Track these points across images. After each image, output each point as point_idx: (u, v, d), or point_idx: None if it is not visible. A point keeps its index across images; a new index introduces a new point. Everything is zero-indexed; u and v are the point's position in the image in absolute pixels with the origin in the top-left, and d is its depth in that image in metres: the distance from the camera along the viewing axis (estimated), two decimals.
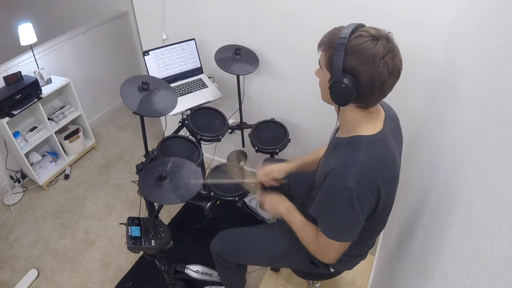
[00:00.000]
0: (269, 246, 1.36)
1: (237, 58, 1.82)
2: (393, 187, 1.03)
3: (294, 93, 1.96)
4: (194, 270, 1.76)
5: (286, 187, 1.57)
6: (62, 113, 2.58)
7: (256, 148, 1.86)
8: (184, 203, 2.27)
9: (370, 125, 0.97)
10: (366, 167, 0.92)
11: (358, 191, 0.90)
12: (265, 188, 1.40)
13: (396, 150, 1.03)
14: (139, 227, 1.41)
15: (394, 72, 0.86)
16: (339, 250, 1.05)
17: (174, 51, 1.93)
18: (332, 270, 1.31)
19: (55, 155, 2.69)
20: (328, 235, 1.00)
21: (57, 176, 2.66)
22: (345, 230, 0.99)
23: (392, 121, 1.04)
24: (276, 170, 1.38)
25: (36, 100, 2.27)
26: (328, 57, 0.90)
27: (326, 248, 1.05)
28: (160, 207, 1.61)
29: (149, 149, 1.71)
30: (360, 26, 0.88)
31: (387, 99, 1.11)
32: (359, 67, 0.84)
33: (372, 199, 0.94)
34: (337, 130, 1.11)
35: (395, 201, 1.12)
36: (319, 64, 0.96)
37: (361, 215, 0.95)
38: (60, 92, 2.61)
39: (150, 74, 1.85)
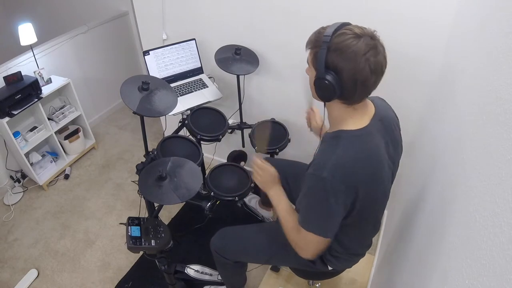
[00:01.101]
0: (267, 244, 1.37)
1: (237, 58, 1.82)
2: (375, 184, 1.01)
3: (294, 93, 1.96)
4: (194, 270, 1.76)
5: (286, 186, 1.57)
6: (62, 113, 2.58)
7: (256, 148, 1.86)
8: (184, 203, 2.28)
9: (354, 121, 0.98)
10: (342, 160, 0.93)
11: (332, 182, 0.91)
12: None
13: (385, 149, 1.02)
14: (139, 227, 1.41)
15: (376, 69, 0.87)
16: (317, 246, 1.04)
17: (175, 51, 1.93)
18: (330, 268, 1.31)
19: (55, 155, 2.69)
20: (302, 224, 1.01)
21: (57, 176, 2.66)
22: (318, 222, 1.00)
23: (383, 120, 1.04)
24: (319, 117, 1.50)
25: (36, 100, 2.27)
26: (314, 55, 0.93)
27: (303, 241, 1.05)
28: (160, 207, 1.61)
29: (149, 149, 1.71)
30: (344, 25, 0.90)
31: (387, 99, 1.12)
32: (341, 64, 0.86)
33: (348, 193, 0.94)
34: None
35: (396, 201, 1.12)
36: (307, 63, 0.99)
37: (335, 208, 0.95)
38: (60, 92, 2.61)
39: (150, 74, 1.85)
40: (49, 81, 2.42)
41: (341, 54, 0.86)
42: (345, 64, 0.86)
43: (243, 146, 2.18)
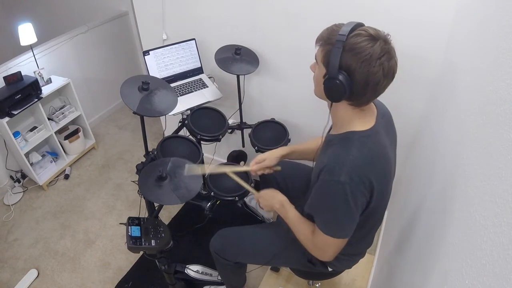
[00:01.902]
0: (267, 245, 1.37)
1: (237, 58, 1.82)
2: (386, 183, 1.03)
3: (294, 93, 1.96)
4: (194, 270, 1.76)
5: (283, 184, 1.57)
6: (62, 113, 2.58)
7: (256, 148, 1.86)
8: (184, 203, 2.28)
9: (362, 122, 0.98)
10: (358, 162, 0.92)
11: (351, 185, 0.91)
12: (261, 187, 1.40)
13: (390, 146, 1.04)
14: (139, 227, 1.41)
15: (389, 73, 0.88)
16: (336, 248, 1.05)
17: (175, 51, 1.93)
18: (330, 269, 1.31)
19: (55, 155, 2.69)
20: (324, 231, 1.01)
21: (57, 176, 2.66)
22: (340, 226, 1.00)
23: (384, 118, 1.05)
24: (268, 158, 1.38)
25: (36, 100, 2.27)
26: (326, 52, 0.91)
27: (322, 245, 1.05)
28: (160, 207, 1.61)
29: (149, 149, 1.71)
30: (359, 25, 0.89)
31: (386, 99, 1.12)
32: (354, 65, 0.85)
33: (365, 193, 0.95)
34: (330, 128, 1.12)
35: (395, 201, 1.12)
36: (315, 59, 0.97)
37: (355, 210, 0.95)
38: (60, 92, 2.61)
39: (150, 74, 1.85)
40: (49, 81, 2.42)
41: (356, 55, 0.84)
42: (359, 66, 0.85)
43: (243, 146, 2.18)
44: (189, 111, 1.84)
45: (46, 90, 2.35)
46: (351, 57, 0.85)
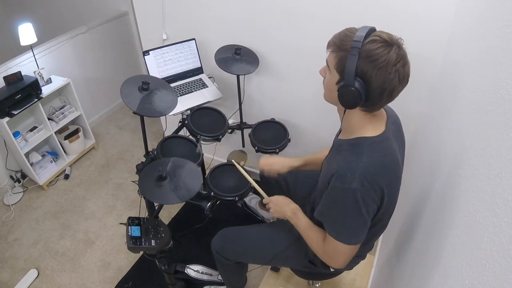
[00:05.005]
0: (268, 245, 1.37)
1: (237, 58, 1.82)
2: (396, 188, 1.02)
3: (294, 93, 1.96)
4: (194, 270, 1.76)
5: (285, 187, 1.57)
6: (62, 113, 2.58)
7: (256, 148, 1.86)
8: (184, 203, 2.28)
9: (373, 127, 0.97)
10: (369, 169, 0.91)
11: (362, 192, 0.90)
12: (269, 190, 1.40)
13: (399, 152, 1.03)
14: (139, 227, 1.41)
15: (404, 79, 0.87)
16: (348, 255, 1.04)
17: (175, 51, 1.93)
18: (331, 269, 1.31)
19: (55, 155, 2.69)
20: (335, 237, 1.00)
21: (57, 176, 2.66)
22: (352, 233, 0.99)
23: (394, 123, 1.04)
24: (280, 164, 1.39)
25: (36, 100, 2.27)
26: (339, 59, 0.89)
27: (334, 252, 1.04)
28: (160, 207, 1.61)
29: (149, 149, 1.71)
30: (372, 30, 0.88)
31: None
32: (371, 73, 0.84)
33: (376, 199, 0.94)
34: (339, 131, 1.11)
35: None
36: (327, 64, 0.95)
37: (366, 216, 0.95)
38: (60, 92, 2.61)
39: (150, 74, 1.85)
40: (49, 81, 2.42)
41: (373, 62, 0.83)
42: (375, 73, 0.84)
43: (243, 146, 2.18)
44: (189, 111, 1.84)
45: (46, 90, 2.35)
46: (367, 64, 0.84)
